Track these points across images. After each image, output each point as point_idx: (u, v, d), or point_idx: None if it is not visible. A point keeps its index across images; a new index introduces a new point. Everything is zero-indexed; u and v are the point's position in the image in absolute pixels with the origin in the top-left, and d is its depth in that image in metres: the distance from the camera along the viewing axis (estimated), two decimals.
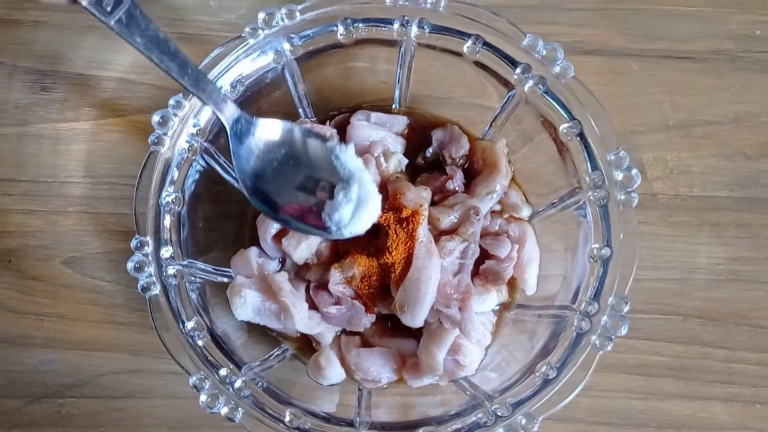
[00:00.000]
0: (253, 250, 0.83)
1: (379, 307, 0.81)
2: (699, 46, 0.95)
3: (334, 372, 0.80)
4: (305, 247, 0.80)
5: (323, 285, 0.80)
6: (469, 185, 0.85)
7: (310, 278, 0.82)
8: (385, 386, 0.82)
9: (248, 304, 0.79)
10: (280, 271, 0.83)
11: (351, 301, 0.80)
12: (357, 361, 0.81)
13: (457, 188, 0.84)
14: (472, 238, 0.80)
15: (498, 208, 0.85)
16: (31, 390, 0.89)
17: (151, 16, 0.92)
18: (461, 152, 0.85)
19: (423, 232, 0.78)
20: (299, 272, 0.84)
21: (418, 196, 0.80)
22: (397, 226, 0.79)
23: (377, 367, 0.81)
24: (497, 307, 0.85)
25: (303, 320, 0.79)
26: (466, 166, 0.87)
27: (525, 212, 0.85)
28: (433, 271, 0.77)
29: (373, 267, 0.80)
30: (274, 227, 0.82)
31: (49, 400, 0.88)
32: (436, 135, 0.87)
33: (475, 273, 0.82)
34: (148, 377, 0.89)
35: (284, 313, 0.78)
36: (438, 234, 0.81)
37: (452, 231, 0.82)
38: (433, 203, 0.83)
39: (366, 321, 0.81)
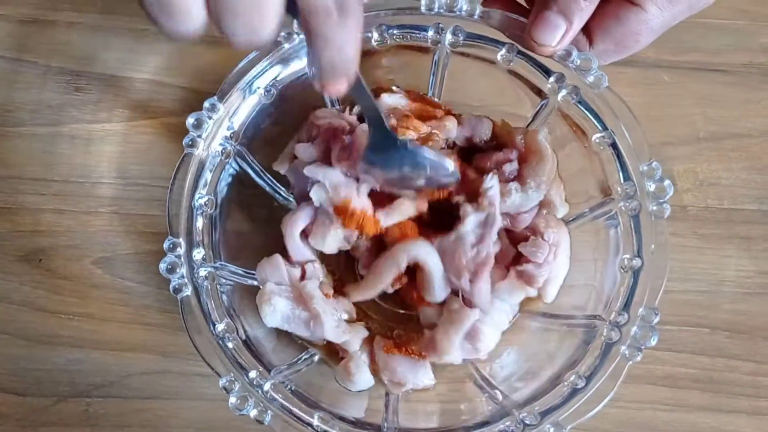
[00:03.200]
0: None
1: None
2: (731, 58, 0.94)
3: (363, 378, 0.80)
4: (332, 238, 0.80)
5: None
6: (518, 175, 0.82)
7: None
8: (411, 391, 0.82)
9: (278, 312, 0.79)
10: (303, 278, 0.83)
11: None
12: (386, 361, 0.81)
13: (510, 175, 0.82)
14: (489, 208, 0.77)
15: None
16: (59, 389, 0.89)
17: None
18: (486, 133, 0.84)
19: None
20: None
21: None
22: None
23: (405, 369, 0.81)
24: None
25: (332, 329, 0.79)
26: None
27: (561, 211, 0.83)
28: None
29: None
30: (301, 224, 0.82)
31: (77, 399, 0.89)
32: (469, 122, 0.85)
33: (513, 264, 0.81)
34: (176, 379, 0.89)
35: (314, 320, 0.78)
36: None
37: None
38: None
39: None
